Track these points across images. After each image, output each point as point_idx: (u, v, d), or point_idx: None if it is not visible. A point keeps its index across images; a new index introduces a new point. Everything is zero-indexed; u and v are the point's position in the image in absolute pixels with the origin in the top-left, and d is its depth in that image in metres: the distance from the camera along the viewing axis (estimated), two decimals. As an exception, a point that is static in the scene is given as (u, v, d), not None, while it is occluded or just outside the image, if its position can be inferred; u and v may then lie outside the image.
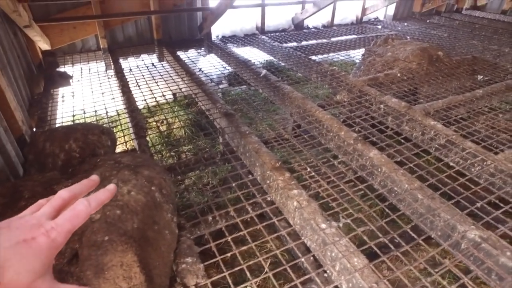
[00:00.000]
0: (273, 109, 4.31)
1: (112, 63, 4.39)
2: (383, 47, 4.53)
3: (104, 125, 2.63)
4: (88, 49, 4.59)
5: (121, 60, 4.51)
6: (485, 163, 2.45)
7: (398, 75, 3.89)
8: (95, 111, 3.15)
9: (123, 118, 3.12)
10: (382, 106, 3.17)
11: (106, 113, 3.10)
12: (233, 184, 2.15)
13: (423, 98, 3.53)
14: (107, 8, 4.27)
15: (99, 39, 4.47)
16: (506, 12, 7.85)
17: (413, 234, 1.85)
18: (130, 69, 4.18)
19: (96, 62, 4.44)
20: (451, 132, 2.73)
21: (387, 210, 2.04)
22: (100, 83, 3.80)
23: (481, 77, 4.43)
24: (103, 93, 3.51)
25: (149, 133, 3.59)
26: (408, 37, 5.60)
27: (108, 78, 4.06)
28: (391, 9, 7.13)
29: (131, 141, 2.84)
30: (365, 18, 6.87)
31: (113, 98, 3.40)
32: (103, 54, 4.55)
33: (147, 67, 4.26)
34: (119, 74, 3.99)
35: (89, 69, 4.21)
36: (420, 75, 3.93)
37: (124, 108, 3.28)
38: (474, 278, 2.05)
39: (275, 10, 5.89)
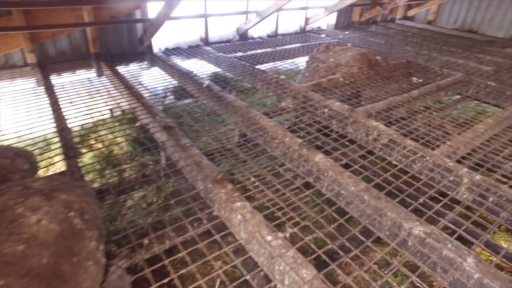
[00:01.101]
0: (221, 120, 4.19)
1: (42, 80, 4.01)
2: (325, 54, 4.64)
3: (26, 147, 2.33)
4: (13, 64, 4.16)
5: (53, 76, 4.14)
6: (424, 159, 2.52)
7: (341, 79, 3.98)
8: (18, 132, 2.81)
9: (51, 138, 2.82)
10: (326, 110, 3.19)
11: (31, 133, 2.78)
12: (172, 202, 1.97)
13: (365, 101, 3.62)
14: (33, 19, 3.90)
15: (26, 53, 4.07)
16: (431, 22, 8.59)
17: (362, 238, 1.80)
18: (63, 86, 3.84)
19: (23, 79, 4.03)
20: (393, 132, 2.80)
21: (335, 215, 1.99)
22: (27, 102, 3.43)
23: (416, 79, 4.70)
24: (29, 112, 3.17)
25: (85, 152, 3.29)
26: (349, 44, 5.82)
27: (37, 96, 3.70)
28: (332, 19, 7.43)
29: (60, 163, 2.55)
30: (308, 28, 7.07)
31: (41, 117, 3.07)
32: (31, 70, 4.15)
33: (82, 82, 3.95)
34: (50, 91, 3.65)
35: (14, 87, 3.81)
36: (361, 79, 4.06)
37: (54, 127, 2.97)
38: (422, 274, 2.06)
39: (219, 21, 5.84)
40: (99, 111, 3.19)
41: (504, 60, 5.28)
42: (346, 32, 7.06)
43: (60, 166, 2.49)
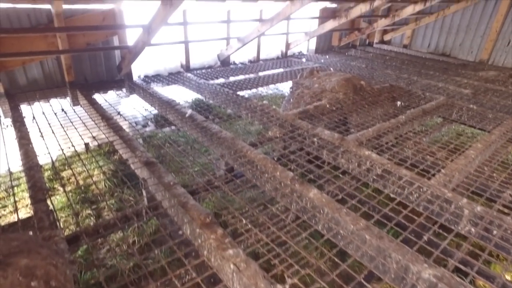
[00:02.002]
0: (204, 150, 4.01)
1: (9, 111, 3.73)
2: (309, 79, 4.60)
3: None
4: (-24, 95, 3.88)
5: (22, 107, 3.87)
6: (421, 190, 2.41)
7: (327, 106, 3.91)
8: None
9: (17, 179, 2.54)
10: (315, 139, 3.07)
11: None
12: (156, 252, 1.75)
13: (353, 128, 3.55)
14: (1, 47, 3.67)
15: (-9, 83, 3.80)
16: (407, 46, 8.90)
17: (367, 285, 1.63)
18: (34, 117, 3.58)
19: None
20: (386, 161, 2.70)
21: (336, 259, 1.82)
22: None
23: (400, 103, 4.72)
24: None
25: (58, 191, 3.01)
26: (331, 69, 5.85)
27: (3, 128, 3.41)
28: (313, 44, 7.53)
29: (27, 207, 2.28)
30: (289, 52, 7.12)
31: (6, 154, 2.79)
32: (-2, 100, 3.87)
33: (56, 113, 3.70)
34: (18, 123, 3.37)
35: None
36: (347, 105, 4.01)
37: (20, 166, 2.69)
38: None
39: (200, 47, 5.76)
40: (74, 145, 2.95)
41: (479, 83, 5.43)
42: (327, 56, 7.15)
43: (26, 210, 2.22)
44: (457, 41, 8.05)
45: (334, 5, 7.09)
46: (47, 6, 3.84)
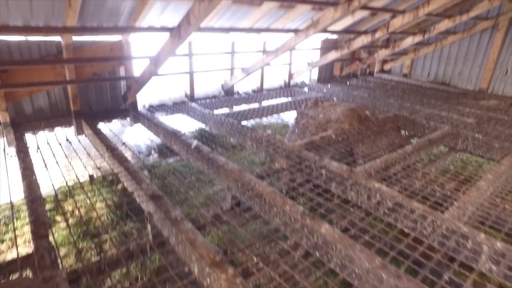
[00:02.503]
0: (209, 180, 3.95)
1: (14, 140, 3.71)
2: (314, 109, 4.63)
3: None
4: (-17, 125, 3.87)
5: (27, 136, 3.85)
6: (435, 223, 2.34)
7: (333, 136, 3.90)
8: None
9: (18, 211, 2.48)
10: (324, 171, 3.02)
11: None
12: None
13: (361, 158, 3.51)
14: (10, 77, 3.70)
15: (-2, 113, 3.80)
16: (407, 76, 9.06)
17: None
18: (38, 147, 3.55)
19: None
20: (396, 193, 2.64)
21: (353, 301, 1.73)
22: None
23: (405, 132, 4.72)
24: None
25: (60, 222, 2.93)
26: (334, 98, 5.91)
27: (7, 159, 3.38)
28: (315, 73, 7.65)
29: (27, 242, 2.20)
30: (292, 82, 7.22)
31: (8, 186, 2.73)
32: (3, 129, 3.85)
33: (60, 143, 3.68)
34: (22, 153, 3.34)
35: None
36: (353, 135, 3.99)
37: (23, 198, 2.63)
38: None
39: (204, 77, 5.85)
40: (77, 176, 2.90)
41: (481, 112, 5.45)
42: (329, 86, 7.24)
43: (26, 245, 2.13)
44: (456, 70, 8.20)
45: (335, 37, 7.29)
46: (58, 38, 3.92)
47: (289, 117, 5.47)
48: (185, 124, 4.58)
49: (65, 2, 3.26)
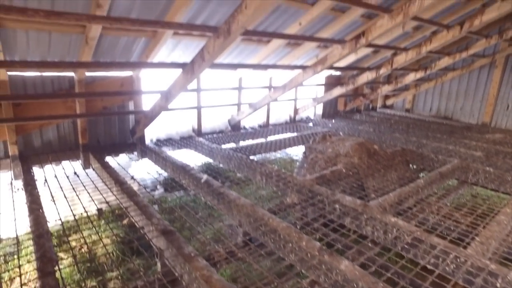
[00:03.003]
0: (217, 215, 3.86)
1: (22, 173, 3.67)
2: (322, 144, 4.63)
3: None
4: (-8, 157, 3.86)
5: (35, 169, 3.82)
6: (459, 260, 2.24)
7: (344, 171, 3.86)
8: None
9: (26, 248, 2.39)
10: (337, 206, 2.95)
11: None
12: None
13: (373, 193, 3.45)
14: (23, 111, 3.75)
15: (8, 145, 3.80)
16: (409, 110, 9.19)
17: None
18: (46, 180, 3.52)
19: (0, 172, 3.69)
20: (414, 228, 2.55)
21: None
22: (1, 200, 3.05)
23: (414, 166, 4.68)
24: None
25: (64, 260, 2.82)
26: (341, 133, 5.93)
27: (14, 192, 3.33)
28: (319, 108, 7.77)
29: (34, 281, 2.10)
30: (297, 118, 7.30)
31: (15, 219, 2.66)
32: (11, 162, 3.83)
33: (68, 176, 3.64)
34: (29, 186, 3.29)
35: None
36: (363, 169, 3.96)
37: (30, 232, 2.55)
38: None
39: (211, 112, 5.92)
40: (85, 210, 2.83)
41: (488, 145, 5.45)
42: (333, 121, 7.32)
43: (31, 284, 2.03)
44: (457, 105, 8.32)
45: (338, 73, 7.48)
46: (71, 74, 4.02)
47: (296, 152, 5.46)
48: (191, 159, 4.57)
49: (82, 39, 3.38)
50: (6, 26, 2.85)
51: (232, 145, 5.23)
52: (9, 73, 3.50)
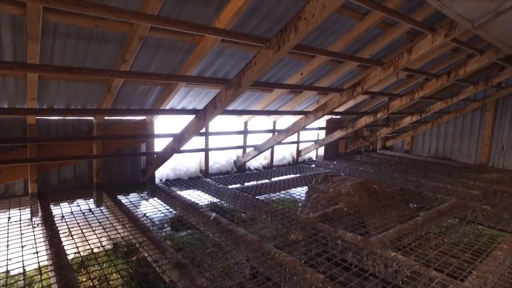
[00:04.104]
0: (223, 253, 3.98)
1: (40, 210, 3.88)
2: (324, 184, 4.84)
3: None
4: (13, 194, 4.07)
5: (52, 206, 4.03)
6: (457, 293, 2.37)
7: (345, 209, 4.04)
8: (7, 270, 2.55)
9: (47, 278, 2.54)
10: (339, 241, 3.12)
11: (24, 271, 2.52)
12: None
13: (373, 230, 3.61)
14: (46, 151, 4.05)
15: (29, 183, 4.04)
16: (408, 152, 9.47)
17: None
18: (63, 216, 3.71)
19: (20, 209, 3.89)
20: (413, 262, 2.70)
21: None
22: (21, 234, 3.23)
23: (413, 205, 4.85)
24: (23, 246, 2.94)
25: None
26: (342, 174, 6.16)
27: (34, 227, 3.51)
28: (321, 150, 8.05)
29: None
30: (300, 159, 7.58)
31: (37, 252, 2.83)
32: (30, 199, 4.05)
33: (83, 213, 3.84)
34: (48, 222, 3.49)
35: (8, 218, 3.63)
36: (364, 208, 4.13)
37: (50, 265, 2.72)
38: None
39: (217, 153, 6.22)
40: (101, 245, 3.00)
41: (486, 184, 5.62)
42: (335, 162, 7.57)
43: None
44: (454, 146, 8.59)
45: (338, 116, 7.87)
46: (90, 118, 4.38)
47: (298, 192, 5.66)
48: (199, 198, 4.78)
49: (105, 87, 3.77)
50: (44, 78, 3.25)
51: (238, 185, 5.45)
52: (37, 117, 3.85)
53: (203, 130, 5.54)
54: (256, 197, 4.65)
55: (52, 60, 3.04)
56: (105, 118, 4.47)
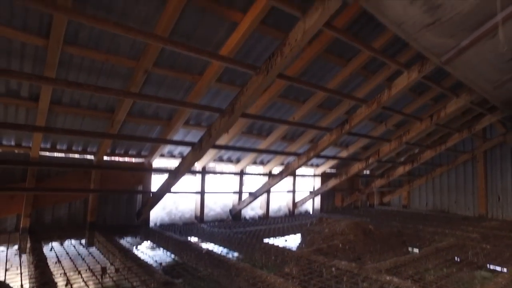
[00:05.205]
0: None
1: (31, 247, 3.79)
2: (319, 226, 4.80)
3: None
4: (3, 230, 4.01)
5: (42, 243, 3.94)
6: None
7: (340, 245, 3.97)
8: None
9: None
10: (333, 269, 3.03)
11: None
12: None
13: (369, 261, 3.51)
14: (44, 184, 4.14)
15: (22, 217, 4.01)
16: (406, 206, 9.40)
17: None
18: (57, 257, 3.61)
19: (8, 246, 3.80)
20: (410, 284, 2.62)
21: None
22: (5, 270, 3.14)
23: (412, 248, 4.73)
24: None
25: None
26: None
27: (24, 266, 3.41)
28: (318, 203, 8.01)
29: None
30: (296, 211, 7.51)
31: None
32: (21, 235, 3.98)
33: (73, 252, 3.74)
34: (40, 261, 3.39)
35: (-4, 254, 3.55)
36: (359, 246, 4.05)
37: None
38: None
39: (213, 198, 6.22)
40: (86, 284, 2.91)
41: (486, 230, 5.53)
42: (331, 215, 7.48)
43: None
44: (451, 199, 8.56)
45: (333, 171, 8.01)
46: (91, 157, 4.54)
47: (294, 239, 5.55)
48: (194, 239, 4.69)
49: (108, 123, 4.00)
50: (54, 111, 3.52)
51: (233, 230, 5.36)
52: (41, 153, 4.02)
53: (199, 169, 5.65)
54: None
55: (64, 92, 3.33)
56: (105, 158, 4.63)
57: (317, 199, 7.97)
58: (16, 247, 3.88)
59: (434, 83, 4.07)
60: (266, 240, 5.16)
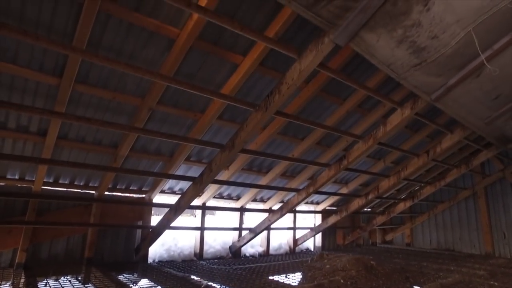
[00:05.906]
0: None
1: (24, 284, 3.73)
2: (320, 262, 4.72)
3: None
4: (-2, 265, 3.97)
5: (37, 280, 3.87)
6: None
7: (342, 281, 3.89)
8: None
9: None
10: (335, 303, 2.97)
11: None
12: None
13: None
14: (43, 218, 4.17)
15: (18, 252, 3.97)
16: (410, 245, 9.20)
17: None
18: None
19: (1, 282, 3.73)
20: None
21: None
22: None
23: (415, 285, 4.61)
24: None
25: None
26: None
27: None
28: (319, 241, 7.87)
29: None
30: (297, 249, 7.37)
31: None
32: (14, 270, 3.92)
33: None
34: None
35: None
36: (361, 281, 3.97)
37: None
38: None
39: (212, 237, 6.15)
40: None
41: (493, 268, 5.39)
42: (333, 253, 7.33)
43: None
44: (455, 235, 8.39)
45: (333, 208, 7.97)
46: (92, 191, 4.60)
47: (295, 277, 5.42)
48: (194, 276, 4.58)
49: (111, 158, 4.10)
50: (60, 145, 3.64)
51: (233, 267, 5.25)
52: (44, 187, 4.08)
53: (200, 204, 5.64)
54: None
55: (71, 127, 3.48)
56: (106, 193, 4.68)
57: (318, 237, 7.85)
58: (9, 284, 3.81)
59: (428, 120, 4.22)
60: (266, 277, 5.05)
